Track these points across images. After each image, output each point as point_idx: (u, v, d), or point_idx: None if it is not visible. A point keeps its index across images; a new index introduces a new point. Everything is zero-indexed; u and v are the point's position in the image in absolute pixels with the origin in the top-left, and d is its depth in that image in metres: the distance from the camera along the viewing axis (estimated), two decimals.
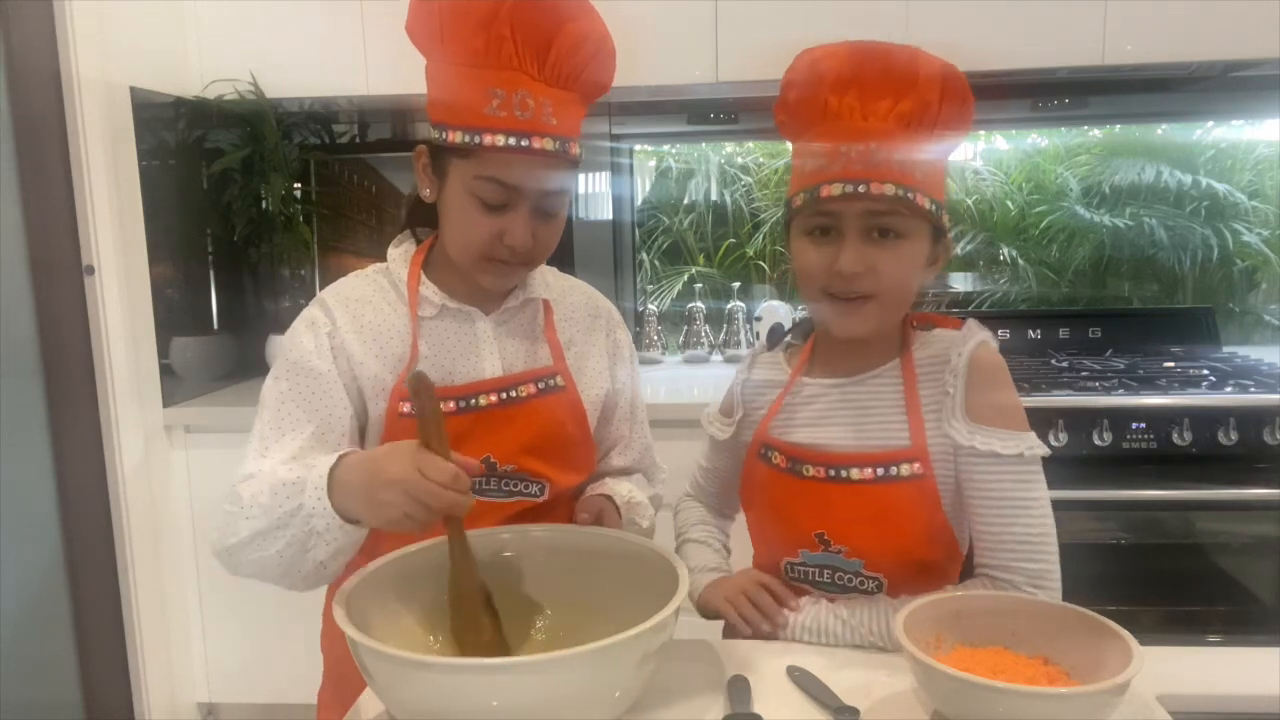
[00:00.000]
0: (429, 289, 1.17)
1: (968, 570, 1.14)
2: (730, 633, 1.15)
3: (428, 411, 0.89)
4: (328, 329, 1.13)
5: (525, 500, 1.18)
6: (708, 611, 1.17)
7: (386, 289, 1.18)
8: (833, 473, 1.08)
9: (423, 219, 1.21)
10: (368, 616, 0.88)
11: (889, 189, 1.01)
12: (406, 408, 1.11)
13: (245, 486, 1.04)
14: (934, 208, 1.04)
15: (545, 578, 1.05)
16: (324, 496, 0.95)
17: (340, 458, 0.97)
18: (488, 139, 1.03)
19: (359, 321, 1.15)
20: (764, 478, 1.16)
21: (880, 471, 1.06)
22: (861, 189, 1.01)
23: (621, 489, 1.24)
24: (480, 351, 1.17)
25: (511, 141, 1.03)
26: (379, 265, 1.22)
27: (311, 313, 1.16)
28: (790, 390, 1.16)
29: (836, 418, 1.12)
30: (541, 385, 1.19)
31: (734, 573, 1.20)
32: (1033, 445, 1.04)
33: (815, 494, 1.10)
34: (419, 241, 1.22)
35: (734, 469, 1.25)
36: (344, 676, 1.17)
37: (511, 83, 1.03)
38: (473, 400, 1.14)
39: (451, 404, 1.13)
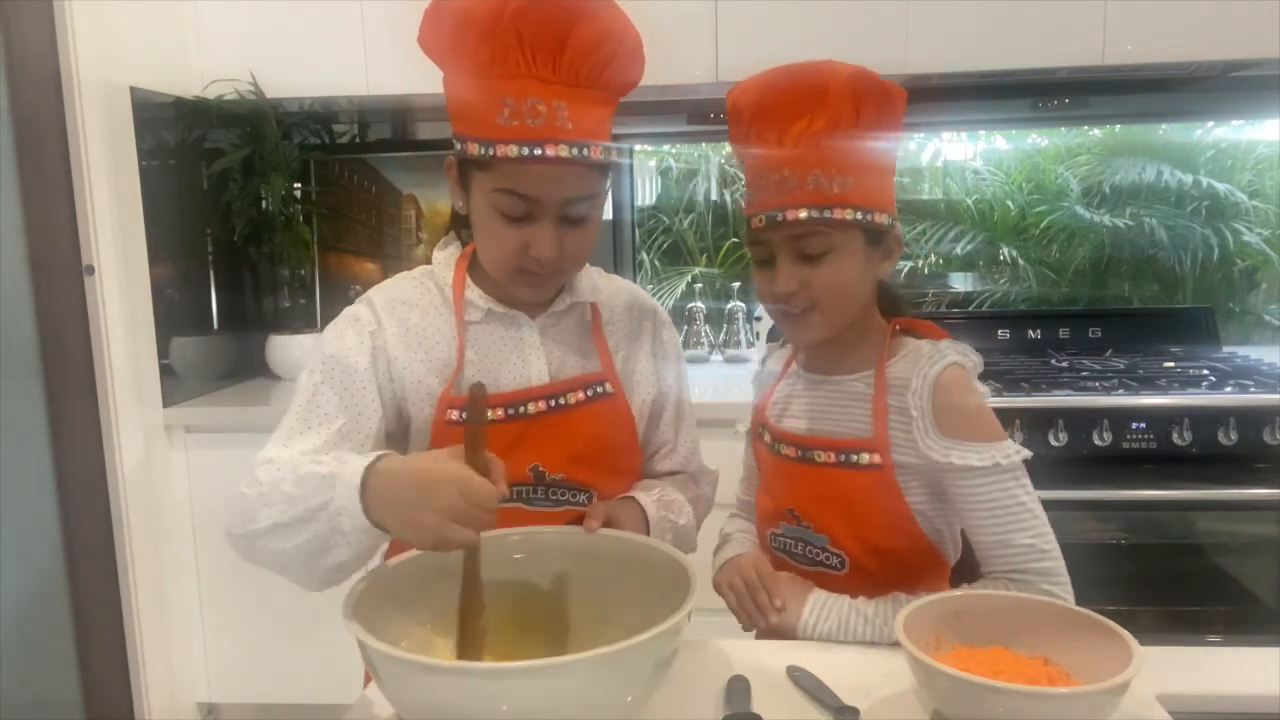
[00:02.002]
0: (475, 293, 1.14)
1: (962, 575, 1.15)
2: (751, 628, 1.17)
3: (479, 424, 0.88)
4: (371, 328, 1.12)
5: (573, 509, 1.15)
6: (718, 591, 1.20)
7: (432, 291, 1.16)
8: (802, 454, 1.15)
9: (466, 222, 1.18)
10: (377, 618, 0.87)
11: (802, 213, 1.06)
12: (455, 415, 1.10)
13: (265, 470, 1.00)
14: (860, 215, 1.07)
15: (555, 580, 1.04)
16: (355, 497, 0.90)
17: (377, 459, 0.92)
18: (500, 150, 1.00)
19: (405, 324, 1.13)
20: (759, 454, 1.25)
21: (841, 457, 1.12)
22: (779, 217, 1.07)
23: (652, 490, 1.21)
24: (527, 357, 1.15)
25: (524, 152, 1.00)
26: (424, 268, 1.20)
27: (357, 310, 1.14)
28: (785, 378, 1.24)
29: (814, 409, 1.18)
30: (590, 392, 1.17)
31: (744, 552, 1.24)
32: (1009, 453, 1.05)
33: (789, 472, 1.17)
34: (464, 244, 1.19)
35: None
36: None
37: (521, 90, 1.00)
38: (521, 408, 1.12)
39: (500, 411, 1.11)
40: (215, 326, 2.52)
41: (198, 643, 2.35)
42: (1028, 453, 1.07)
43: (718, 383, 2.52)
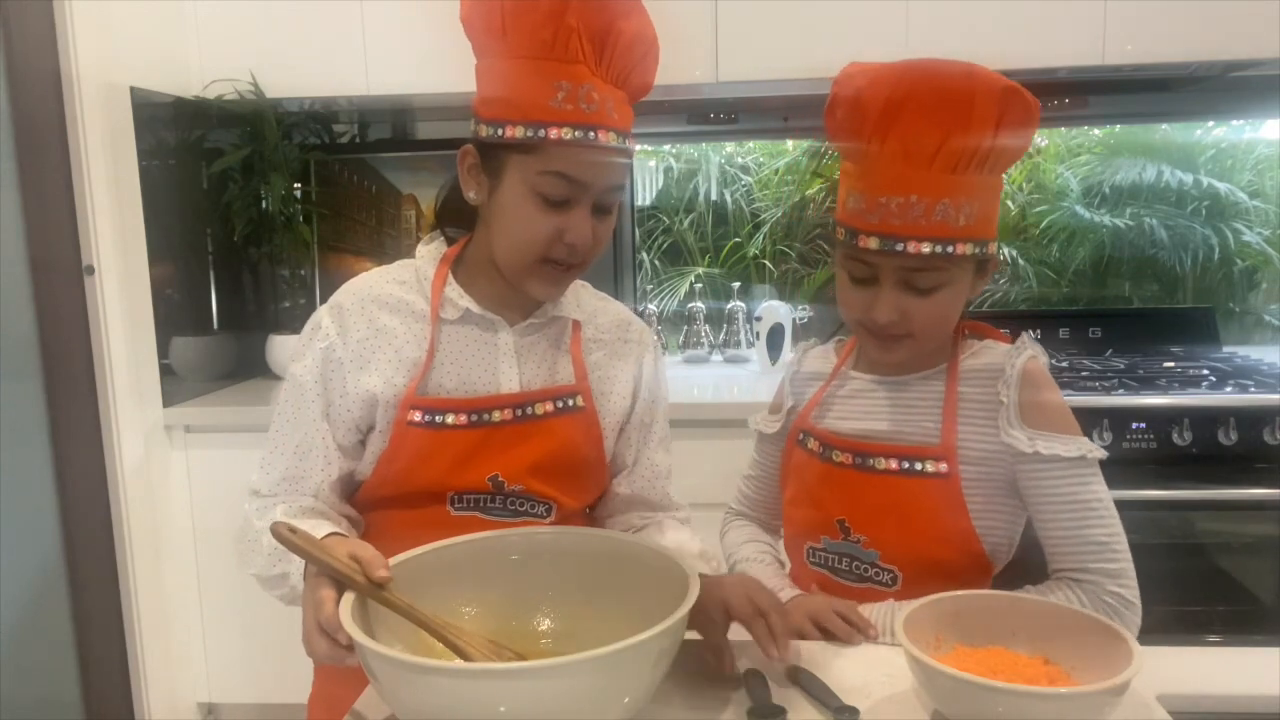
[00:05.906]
0: (455, 291, 1.12)
1: (1007, 581, 1.12)
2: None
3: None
4: (325, 344, 1.10)
5: (531, 521, 1.14)
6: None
7: (410, 286, 1.14)
8: (859, 460, 1.10)
9: (454, 220, 1.17)
10: (373, 619, 0.87)
11: (926, 247, 0.99)
12: (416, 417, 1.09)
13: (254, 509, 1.09)
14: (977, 250, 1.02)
15: (553, 581, 1.03)
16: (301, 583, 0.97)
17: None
18: (554, 132, 1.00)
19: (375, 325, 1.11)
20: (798, 462, 1.18)
21: (905, 464, 1.08)
22: (899, 247, 1.00)
23: (673, 542, 1.15)
24: (498, 364, 1.13)
25: (579, 135, 1.01)
26: (406, 261, 1.18)
27: (320, 318, 1.12)
28: (835, 380, 1.18)
29: (874, 412, 1.13)
30: (560, 404, 1.14)
31: (801, 592, 1.15)
32: (1090, 448, 1.05)
33: (842, 480, 1.12)
34: (450, 242, 1.17)
35: (780, 468, 1.25)
36: (333, 691, 1.14)
37: (576, 76, 1.01)
38: (486, 415, 1.10)
39: (463, 417, 1.09)
40: (215, 326, 2.53)
41: (198, 643, 2.35)
42: (1103, 452, 1.06)
43: (718, 382, 2.52)
